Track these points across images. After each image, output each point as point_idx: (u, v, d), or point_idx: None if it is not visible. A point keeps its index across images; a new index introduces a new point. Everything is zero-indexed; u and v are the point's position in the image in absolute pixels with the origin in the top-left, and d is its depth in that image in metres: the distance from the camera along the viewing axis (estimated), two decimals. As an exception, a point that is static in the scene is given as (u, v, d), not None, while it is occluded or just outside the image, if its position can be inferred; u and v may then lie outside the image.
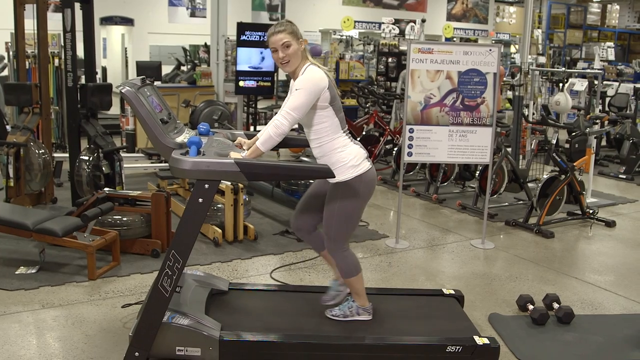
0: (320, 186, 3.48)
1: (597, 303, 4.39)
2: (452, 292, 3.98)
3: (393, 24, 13.60)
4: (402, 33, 14.58)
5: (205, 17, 16.71)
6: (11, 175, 5.85)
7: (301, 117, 3.14)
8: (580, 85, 11.19)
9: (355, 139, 3.40)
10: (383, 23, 13.66)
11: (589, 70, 10.88)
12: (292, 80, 3.26)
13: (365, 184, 3.27)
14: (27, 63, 7.46)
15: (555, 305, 4.07)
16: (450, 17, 23.78)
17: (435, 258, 5.26)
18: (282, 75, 11.77)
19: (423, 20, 11.82)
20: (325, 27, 19.57)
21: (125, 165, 5.97)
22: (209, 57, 10.30)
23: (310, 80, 3.13)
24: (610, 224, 6.33)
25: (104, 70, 16.94)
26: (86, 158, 5.72)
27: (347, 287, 3.59)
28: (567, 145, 8.48)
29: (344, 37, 17.61)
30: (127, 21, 17.46)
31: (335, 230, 3.34)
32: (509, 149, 7.15)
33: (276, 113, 3.20)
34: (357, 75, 10.87)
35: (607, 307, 4.33)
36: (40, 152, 6.11)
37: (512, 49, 22.83)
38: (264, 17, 18.58)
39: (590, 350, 3.65)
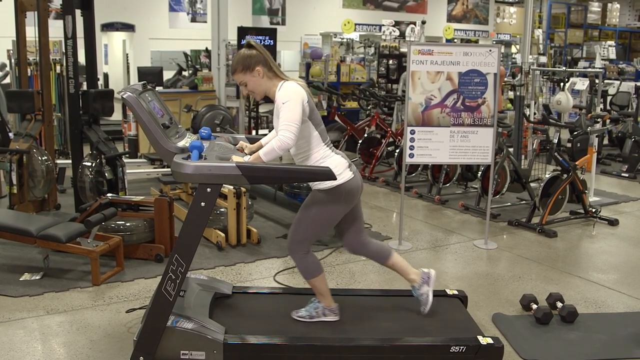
0: None
1: (601, 302, 4.39)
2: (456, 292, 3.98)
3: (393, 26, 13.63)
4: (402, 35, 14.61)
5: (206, 22, 16.73)
6: (14, 182, 5.87)
7: (300, 126, 3.12)
8: (582, 84, 11.18)
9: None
10: (383, 25, 13.71)
11: (590, 70, 10.87)
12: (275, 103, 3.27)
13: (346, 193, 3.28)
14: (28, 70, 7.49)
15: (559, 305, 4.07)
16: (451, 18, 23.79)
17: (438, 259, 5.26)
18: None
19: (423, 22, 11.84)
20: (325, 30, 19.59)
21: (127, 171, 6.00)
22: (210, 62, 10.33)
23: (291, 91, 3.16)
24: (613, 223, 6.33)
25: (106, 76, 17.00)
26: (89, 164, 5.75)
27: (428, 288, 3.64)
28: (569, 145, 8.46)
29: (345, 40, 17.63)
30: (128, 27, 17.49)
31: (303, 234, 3.36)
32: (511, 149, 7.16)
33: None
34: (358, 77, 10.88)
35: (610, 305, 4.33)
36: (43, 158, 6.13)
37: (513, 49, 22.83)
38: (264, 21, 18.61)
39: (594, 348, 3.65)
